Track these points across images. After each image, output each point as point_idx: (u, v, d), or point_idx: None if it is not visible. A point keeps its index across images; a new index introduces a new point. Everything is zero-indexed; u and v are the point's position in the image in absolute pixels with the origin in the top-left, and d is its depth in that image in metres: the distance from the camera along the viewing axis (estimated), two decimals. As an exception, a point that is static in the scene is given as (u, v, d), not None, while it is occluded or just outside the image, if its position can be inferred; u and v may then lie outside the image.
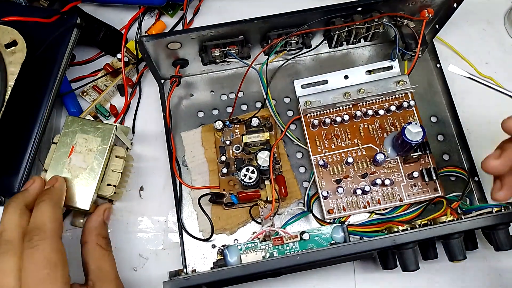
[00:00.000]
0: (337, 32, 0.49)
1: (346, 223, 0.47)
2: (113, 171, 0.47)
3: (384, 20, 0.49)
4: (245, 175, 0.46)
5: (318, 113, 0.51)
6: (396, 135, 0.47)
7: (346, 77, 0.53)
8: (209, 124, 0.52)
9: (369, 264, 0.48)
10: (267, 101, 0.50)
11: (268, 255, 0.43)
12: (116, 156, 0.47)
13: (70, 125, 0.46)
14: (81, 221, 0.48)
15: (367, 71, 0.53)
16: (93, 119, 0.53)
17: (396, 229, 0.43)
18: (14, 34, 0.46)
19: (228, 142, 0.50)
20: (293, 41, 0.50)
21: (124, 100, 0.55)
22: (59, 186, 0.43)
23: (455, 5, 0.48)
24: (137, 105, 0.55)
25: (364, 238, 0.45)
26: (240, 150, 0.50)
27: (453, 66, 0.43)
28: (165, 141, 0.50)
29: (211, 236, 0.48)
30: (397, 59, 0.53)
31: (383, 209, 0.48)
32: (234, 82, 0.55)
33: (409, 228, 0.42)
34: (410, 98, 0.51)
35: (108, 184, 0.46)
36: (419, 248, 0.44)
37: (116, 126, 0.47)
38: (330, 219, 0.48)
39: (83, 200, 0.44)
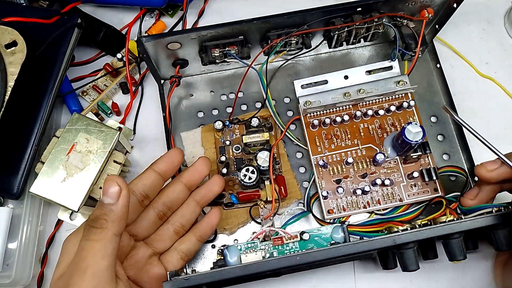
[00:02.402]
0: (337, 32, 0.50)
1: (346, 223, 0.47)
2: (107, 174, 0.46)
3: (384, 20, 0.49)
4: (245, 175, 0.46)
5: (318, 113, 0.51)
6: (396, 135, 0.47)
7: (346, 77, 0.53)
8: (209, 124, 0.52)
9: (369, 264, 0.48)
10: (267, 101, 0.50)
11: (268, 255, 0.43)
12: (114, 161, 0.47)
13: (75, 122, 0.46)
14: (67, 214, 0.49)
15: (367, 71, 0.53)
16: (95, 117, 0.53)
17: (396, 229, 0.43)
18: (14, 34, 0.46)
19: (228, 142, 0.50)
20: (293, 41, 0.50)
21: (127, 98, 0.55)
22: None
23: (455, 5, 0.48)
24: (139, 105, 0.55)
25: (364, 238, 0.45)
26: (240, 150, 0.50)
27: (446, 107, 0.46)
28: (165, 141, 0.50)
29: (214, 238, 0.48)
30: (397, 59, 0.53)
31: (383, 209, 0.48)
32: (234, 82, 0.55)
33: (409, 228, 0.42)
34: (410, 98, 0.51)
35: (101, 188, 0.46)
36: (419, 248, 0.44)
37: (119, 133, 0.46)
38: (330, 219, 0.48)
39: (73, 200, 0.44)
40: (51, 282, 0.37)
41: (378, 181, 0.47)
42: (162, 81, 0.54)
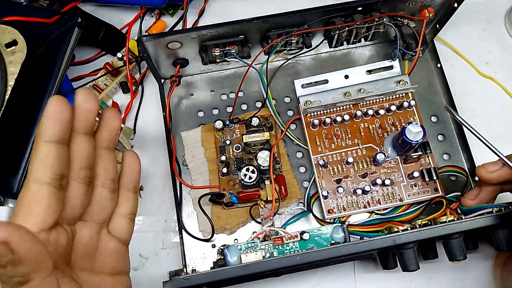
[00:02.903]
0: (337, 31, 0.49)
1: (346, 223, 0.47)
2: None
3: (384, 20, 0.49)
4: (245, 175, 0.46)
5: (318, 112, 0.51)
6: (396, 135, 0.47)
7: (346, 76, 0.53)
8: (209, 124, 0.52)
9: (369, 264, 0.48)
10: (267, 100, 0.50)
11: (268, 255, 0.43)
12: None
13: None
14: None
15: (367, 71, 0.53)
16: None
17: (396, 229, 0.43)
18: (14, 33, 0.46)
19: (228, 142, 0.50)
20: (293, 41, 0.50)
21: (127, 97, 0.55)
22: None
23: (455, 4, 0.48)
24: (139, 104, 0.55)
25: (364, 238, 0.45)
26: (240, 150, 0.50)
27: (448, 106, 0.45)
28: (165, 140, 0.50)
29: (212, 237, 0.48)
30: (397, 59, 0.53)
31: (383, 209, 0.48)
32: (234, 81, 0.55)
33: (409, 228, 0.42)
34: (411, 98, 0.51)
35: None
36: (419, 248, 0.44)
37: (120, 132, 0.46)
38: (330, 219, 0.48)
39: None
40: None
41: (379, 181, 0.47)
42: (162, 81, 0.54)
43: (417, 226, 0.43)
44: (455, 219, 0.42)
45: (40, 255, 0.27)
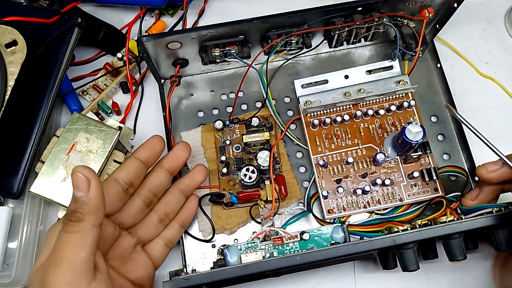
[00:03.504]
0: (337, 32, 0.49)
1: (346, 223, 0.47)
2: (107, 174, 0.47)
3: (384, 20, 0.49)
4: (245, 175, 0.46)
5: (318, 113, 0.51)
6: (396, 135, 0.47)
7: (346, 77, 0.53)
8: (209, 124, 0.52)
9: (369, 264, 0.48)
10: (267, 100, 0.50)
11: (268, 255, 0.43)
12: (114, 161, 0.47)
13: (75, 122, 0.46)
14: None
15: (367, 71, 0.53)
16: (96, 116, 0.53)
17: (396, 229, 0.43)
18: (14, 34, 0.46)
19: (228, 142, 0.50)
20: (293, 41, 0.50)
21: (127, 97, 0.55)
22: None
23: (455, 5, 0.48)
24: (139, 104, 0.55)
25: (364, 238, 0.45)
26: (240, 150, 0.50)
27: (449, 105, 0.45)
28: (165, 141, 0.50)
29: (213, 237, 0.48)
30: (397, 59, 0.53)
31: (383, 209, 0.48)
32: (234, 82, 0.55)
33: (409, 228, 0.42)
34: (411, 98, 0.51)
35: None
36: (419, 248, 0.44)
37: (119, 132, 0.47)
38: (330, 219, 0.48)
39: None
40: (30, 273, 0.36)
41: (378, 181, 0.47)
42: (162, 81, 0.53)
43: (417, 226, 0.43)
44: (455, 219, 0.42)
45: (99, 204, 0.34)
